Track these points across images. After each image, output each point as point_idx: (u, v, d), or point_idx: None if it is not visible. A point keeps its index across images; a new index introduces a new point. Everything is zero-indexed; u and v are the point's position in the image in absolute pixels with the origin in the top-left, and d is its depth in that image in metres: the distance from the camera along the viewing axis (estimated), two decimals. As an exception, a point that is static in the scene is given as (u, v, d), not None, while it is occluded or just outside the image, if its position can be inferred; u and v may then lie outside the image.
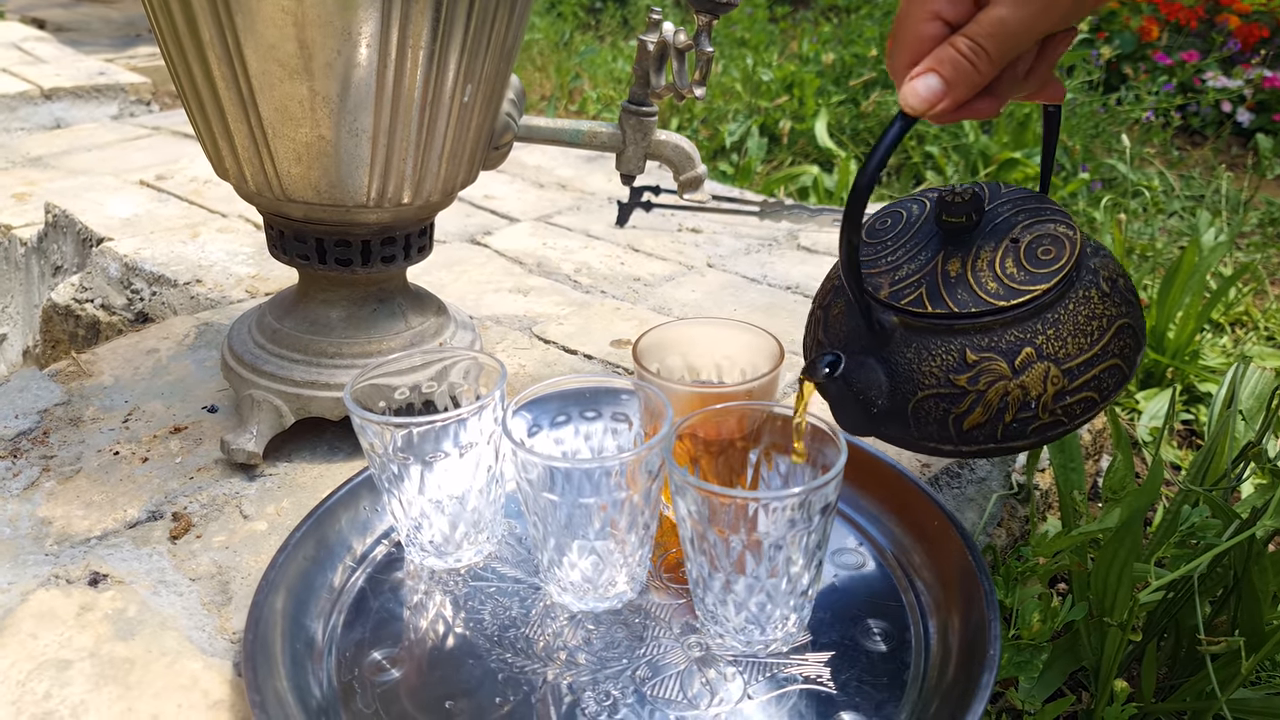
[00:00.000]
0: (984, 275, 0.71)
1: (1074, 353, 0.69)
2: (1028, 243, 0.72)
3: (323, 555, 0.82)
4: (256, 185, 0.89)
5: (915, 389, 0.71)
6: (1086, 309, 0.70)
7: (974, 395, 0.69)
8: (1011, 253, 0.71)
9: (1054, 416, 0.70)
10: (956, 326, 0.70)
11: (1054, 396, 0.69)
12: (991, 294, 0.70)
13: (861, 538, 0.87)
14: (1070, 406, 0.70)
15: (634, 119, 1.02)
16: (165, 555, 0.86)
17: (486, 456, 0.80)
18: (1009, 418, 0.70)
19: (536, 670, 0.74)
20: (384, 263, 0.96)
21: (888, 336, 0.72)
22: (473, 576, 0.83)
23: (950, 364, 0.70)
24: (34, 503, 0.91)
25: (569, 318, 1.32)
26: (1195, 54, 3.33)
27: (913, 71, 0.64)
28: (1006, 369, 0.69)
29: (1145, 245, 2.11)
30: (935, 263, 0.73)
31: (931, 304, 0.71)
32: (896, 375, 0.72)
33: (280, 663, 0.71)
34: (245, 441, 0.94)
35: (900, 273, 0.74)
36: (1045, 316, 0.69)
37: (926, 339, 0.71)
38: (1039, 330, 0.69)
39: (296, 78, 0.81)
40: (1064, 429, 0.71)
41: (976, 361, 0.69)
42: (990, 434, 0.71)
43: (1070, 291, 0.70)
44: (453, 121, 0.89)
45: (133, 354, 1.16)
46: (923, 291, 0.71)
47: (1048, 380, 0.69)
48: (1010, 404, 0.69)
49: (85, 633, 0.77)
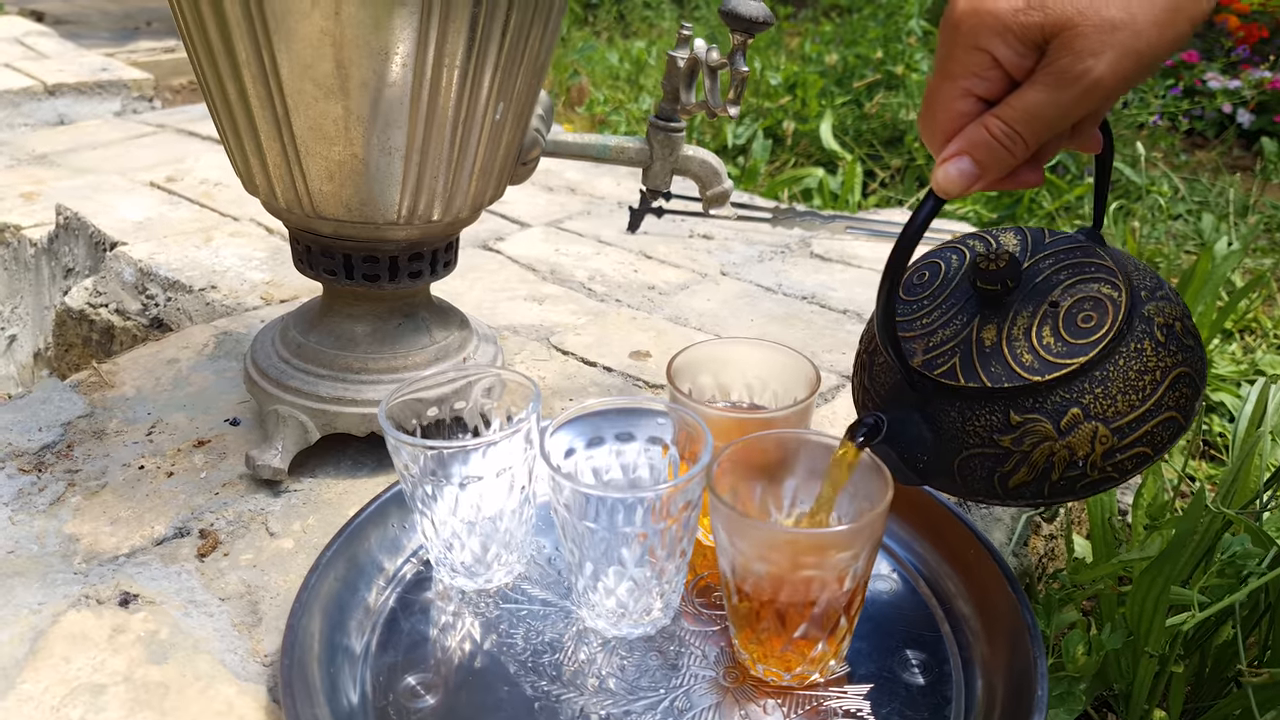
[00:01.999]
0: (1019, 346, 0.69)
1: (1124, 410, 0.67)
2: (1067, 308, 0.69)
3: (353, 575, 0.82)
4: (287, 202, 0.89)
5: (960, 448, 0.70)
6: (1139, 363, 0.67)
7: (1019, 456, 0.68)
8: (1050, 319, 0.69)
9: (1103, 474, 0.68)
10: (997, 392, 0.68)
11: (1103, 455, 0.67)
12: (1026, 367, 0.68)
13: (895, 564, 0.86)
14: (1121, 463, 0.68)
15: (661, 134, 1.02)
16: (194, 574, 0.85)
17: (520, 477, 0.80)
18: (1055, 476, 0.68)
19: (570, 698, 0.73)
20: (411, 278, 0.96)
21: (929, 397, 0.71)
22: (503, 598, 0.83)
23: (994, 425, 0.68)
24: (61, 519, 0.90)
25: (585, 328, 1.32)
26: (1195, 55, 3.33)
27: (945, 153, 0.63)
28: (1052, 430, 0.67)
29: (1155, 250, 2.11)
30: (970, 330, 0.71)
31: (965, 377, 0.69)
32: (941, 433, 0.70)
33: (318, 689, 0.71)
34: (271, 458, 0.93)
35: (935, 339, 0.72)
36: (1093, 375, 0.67)
37: (969, 401, 0.69)
38: (1086, 389, 0.67)
39: (332, 97, 0.81)
40: (1114, 483, 0.69)
41: (1021, 423, 0.67)
42: (1037, 491, 0.69)
43: (1121, 346, 0.67)
44: (484, 139, 0.88)
45: (153, 364, 1.16)
46: (956, 362, 0.70)
47: (1095, 440, 0.67)
48: (1056, 464, 0.67)
49: (118, 656, 0.76)
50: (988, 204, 2.32)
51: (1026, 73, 0.60)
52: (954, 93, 0.62)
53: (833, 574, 0.68)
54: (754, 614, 0.71)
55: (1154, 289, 0.71)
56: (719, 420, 0.80)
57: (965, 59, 0.61)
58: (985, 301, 0.71)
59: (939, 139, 0.63)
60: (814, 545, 0.68)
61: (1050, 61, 0.58)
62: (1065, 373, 0.66)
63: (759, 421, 0.79)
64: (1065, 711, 0.75)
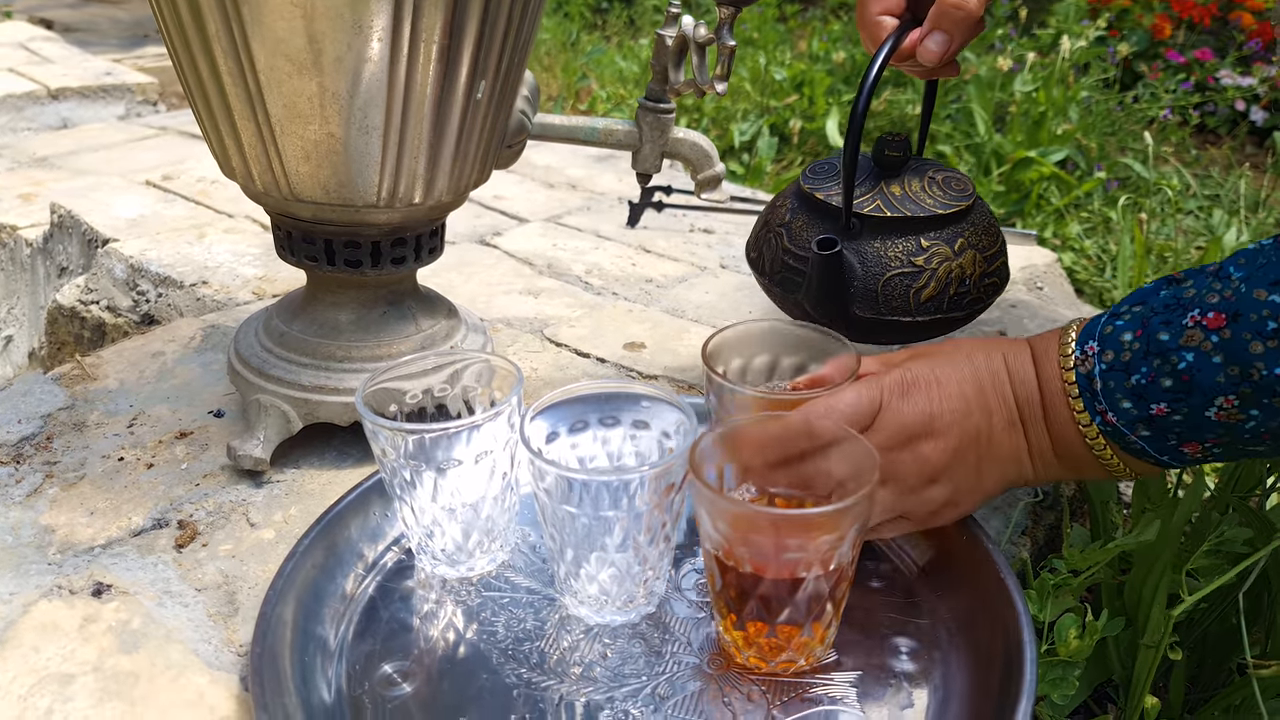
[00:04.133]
0: (919, 195, 0.93)
1: (988, 245, 0.94)
2: (942, 179, 0.95)
3: (332, 563, 0.80)
4: (264, 185, 0.87)
5: (884, 270, 0.91)
6: (987, 220, 0.96)
7: (929, 272, 0.91)
8: (934, 183, 0.94)
9: (978, 293, 0.93)
10: (912, 223, 0.91)
11: (979, 276, 0.93)
12: (930, 205, 0.92)
13: (885, 549, 0.84)
14: (987, 287, 0.94)
15: (651, 116, 1.00)
16: (170, 565, 0.84)
17: (502, 463, 0.78)
18: (952, 290, 0.92)
19: (552, 686, 0.71)
20: (394, 264, 0.94)
21: (859, 232, 0.92)
22: (485, 586, 0.81)
23: (911, 249, 0.91)
24: (37, 510, 0.89)
25: (581, 320, 1.30)
26: (1209, 52, 3.30)
27: (922, 31, 0.85)
28: (950, 252, 0.92)
29: (1164, 245, 2.08)
30: (880, 187, 0.94)
31: (889, 211, 0.92)
32: (867, 261, 0.91)
33: (289, 677, 0.69)
34: (252, 448, 0.92)
35: (855, 194, 0.93)
36: (968, 218, 0.94)
37: (889, 233, 0.91)
38: (966, 226, 0.93)
39: (305, 73, 0.79)
40: (982, 305, 0.95)
41: (929, 246, 0.91)
42: (939, 304, 0.92)
43: (977, 206, 0.96)
44: (466, 119, 0.86)
45: (138, 357, 1.14)
46: (879, 203, 0.92)
47: (975, 262, 0.93)
48: (953, 279, 0.91)
49: (88, 645, 0.75)
50: (995, 199, 2.29)
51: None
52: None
53: (817, 557, 0.66)
54: (737, 600, 0.69)
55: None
56: (752, 402, 0.79)
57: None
58: (885, 171, 0.95)
59: (874, 15, 0.88)
60: (798, 526, 0.66)
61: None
62: (956, 210, 0.92)
63: (792, 402, 0.77)
64: (1058, 697, 0.73)
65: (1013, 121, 2.48)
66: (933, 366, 0.76)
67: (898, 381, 0.75)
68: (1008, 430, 0.75)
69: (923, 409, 0.74)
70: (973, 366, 0.76)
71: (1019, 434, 0.76)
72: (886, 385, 0.75)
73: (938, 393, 0.75)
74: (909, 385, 0.75)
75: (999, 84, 2.60)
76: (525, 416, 0.74)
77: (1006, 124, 2.53)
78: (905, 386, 0.75)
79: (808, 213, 0.96)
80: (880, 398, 0.74)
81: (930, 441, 0.74)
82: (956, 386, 0.75)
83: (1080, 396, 0.71)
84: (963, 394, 0.75)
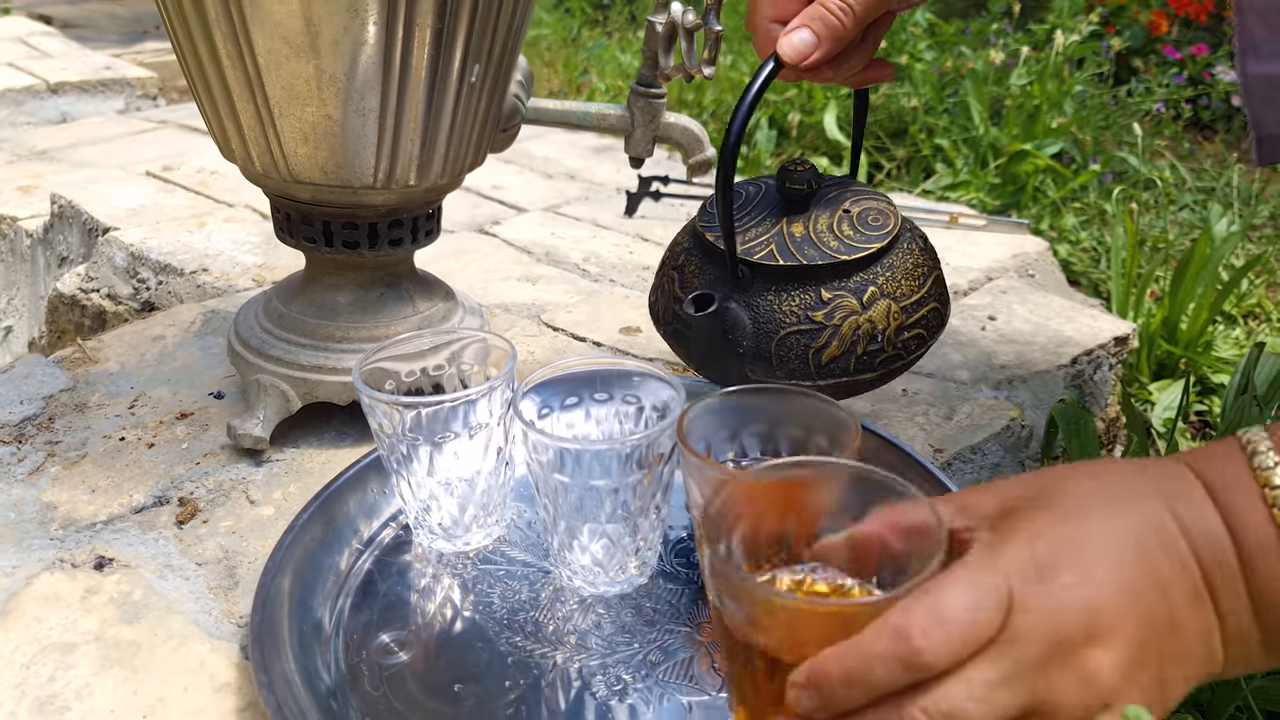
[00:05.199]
0: (825, 235, 0.81)
1: (908, 292, 0.82)
2: (858, 213, 0.83)
3: (330, 537, 0.81)
4: (263, 166, 0.88)
5: (778, 328, 0.80)
6: (912, 259, 0.83)
7: (830, 330, 0.79)
8: (846, 219, 0.83)
9: (895, 350, 0.81)
10: (810, 271, 0.80)
11: (895, 330, 0.81)
12: (833, 250, 0.80)
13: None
14: (908, 341, 0.82)
15: (642, 101, 1.01)
16: (172, 540, 0.85)
17: (496, 438, 0.79)
18: (860, 350, 0.80)
19: (546, 654, 0.73)
20: (391, 246, 0.95)
21: (750, 282, 0.81)
22: (481, 560, 0.82)
23: (808, 302, 0.79)
24: (39, 488, 0.90)
25: (578, 306, 1.31)
26: (1205, 48, 3.31)
27: (788, 27, 0.74)
28: (857, 305, 0.80)
29: (1158, 237, 2.10)
30: (780, 225, 0.83)
31: (782, 258, 0.80)
32: (759, 317, 0.80)
33: (287, 644, 0.70)
34: (252, 427, 0.93)
35: (750, 234, 0.83)
36: (884, 260, 0.81)
37: (785, 283, 0.80)
38: (879, 272, 0.81)
39: (303, 55, 0.80)
40: (902, 363, 0.83)
41: (831, 299, 0.80)
42: (844, 367, 0.80)
43: (900, 242, 0.83)
44: (460, 101, 0.88)
45: (139, 341, 1.15)
46: (773, 248, 0.81)
47: (890, 315, 0.80)
48: (861, 337, 0.80)
49: (90, 616, 0.76)
50: (991, 192, 2.31)
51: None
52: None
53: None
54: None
55: (912, 225, 0.88)
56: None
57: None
58: (790, 205, 0.84)
59: (768, 15, 0.77)
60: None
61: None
62: (865, 255, 0.80)
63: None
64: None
65: (1008, 115, 2.49)
66: (1069, 528, 0.52)
67: (1027, 561, 0.50)
68: (1193, 608, 0.51)
69: (1080, 599, 0.49)
70: (1126, 519, 0.52)
71: (1208, 611, 0.52)
72: (1013, 569, 0.50)
73: (1090, 569, 0.50)
74: (1045, 564, 0.50)
75: (994, 78, 2.61)
76: (519, 391, 0.76)
77: (1002, 118, 2.54)
78: (1042, 568, 0.50)
79: (701, 256, 0.86)
80: (1009, 589, 0.49)
81: (1097, 647, 0.49)
82: (1114, 556, 0.51)
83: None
84: (1124, 565, 0.51)
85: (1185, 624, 0.51)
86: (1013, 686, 0.48)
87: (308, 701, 0.66)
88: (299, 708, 0.65)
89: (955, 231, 1.63)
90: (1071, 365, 1.21)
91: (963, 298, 1.38)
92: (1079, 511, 0.52)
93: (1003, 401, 1.10)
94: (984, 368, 1.18)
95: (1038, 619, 0.48)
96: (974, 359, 1.20)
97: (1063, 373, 1.19)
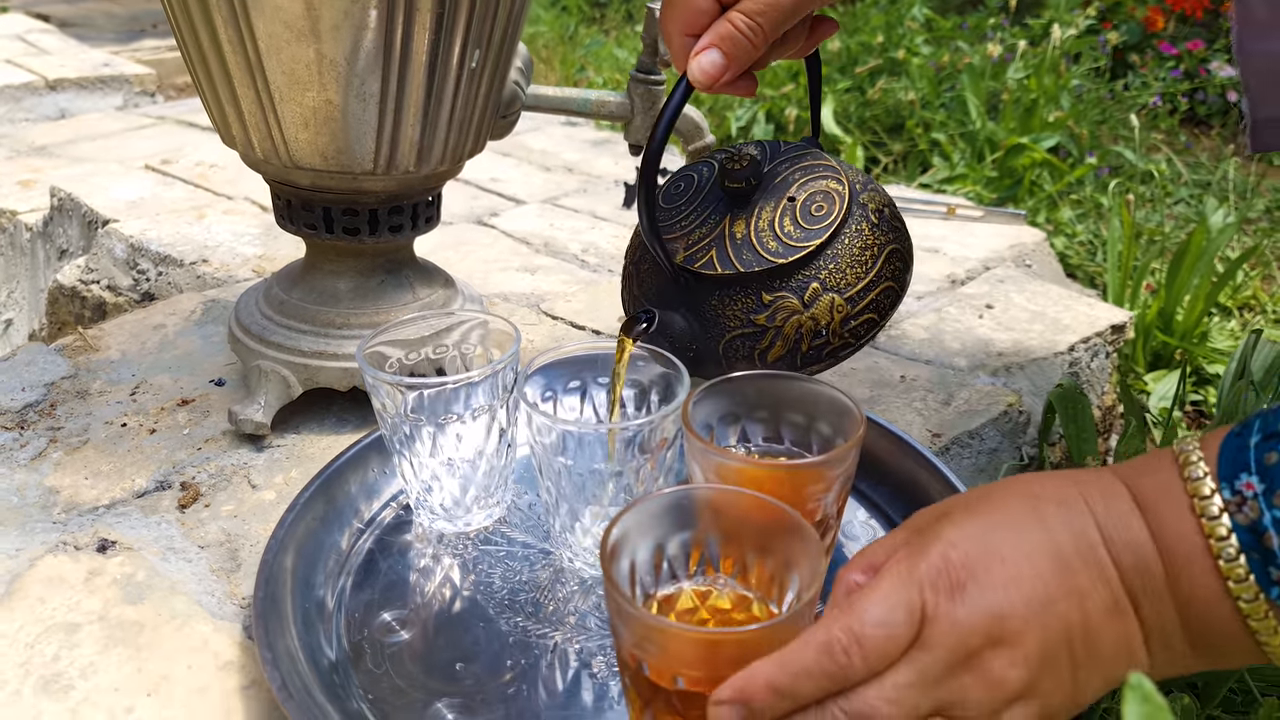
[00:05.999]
0: (765, 235, 0.80)
1: (853, 281, 0.79)
2: (803, 201, 0.81)
3: (331, 516, 0.82)
4: (264, 152, 0.89)
5: (723, 333, 0.80)
6: (859, 241, 0.80)
7: (773, 331, 0.79)
8: (789, 211, 0.80)
9: (843, 340, 0.80)
10: (751, 276, 0.79)
11: (841, 322, 0.79)
12: (772, 252, 0.79)
13: (873, 511, 0.86)
14: (856, 329, 0.80)
15: (642, 88, 1.02)
16: (174, 524, 0.85)
17: (499, 420, 0.80)
18: (805, 346, 0.80)
19: (546, 634, 0.73)
20: (392, 232, 0.96)
21: (692, 290, 0.81)
22: (482, 540, 0.83)
23: (750, 306, 0.79)
24: (41, 472, 0.90)
25: (577, 295, 1.32)
26: (1201, 44, 3.32)
27: (697, 47, 0.70)
28: (798, 304, 0.79)
29: (1153, 230, 2.10)
30: (723, 226, 0.82)
31: (721, 266, 0.79)
32: (705, 321, 0.81)
33: (291, 621, 0.71)
34: (253, 412, 0.93)
35: (693, 237, 0.82)
36: (826, 253, 0.79)
37: (726, 288, 0.80)
38: (822, 266, 0.79)
39: (304, 40, 0.81)
40: (852, 349, 0.82)
41: (772, 301, 0.79)
42: (791, 363, 0.80)
43: (845, 229, 0.80)
44: (461, 87, 0.88)
45: (139, 329, 1.16)
46: (713, 254, 0.80)
47: (833, 309, 0.79)
48: (805, 334, 0.79)
49: (94, 597, 0.76)
50: (987, 185, 2.31)
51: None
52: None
53: (804, 507, 0.67)
54: None
55: (865, 183, 0.84)
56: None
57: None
58: (733, 200, 0.82)
59: (679, 29, 0.72)
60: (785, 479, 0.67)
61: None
62: (804, 254, 0.78)
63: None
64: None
65: (1005, 109, 2.50)
66: (985, 537, 0.54)
67: (939, 571, 0.53)
68: (1111, 616, 0.53)
69: (985, 607, 0.52)
70: (1045, 529, 0.54)
71: (1128, 618, 0.54)
72: (926, 580, 0.53)
73: (1000, 577, 0.53)
74: (958, 576, 0.53)
75: (991, 73, 2.62)
76: (523, 373, 0.76)
77: (999, 112, 2.55)
78: (954, 579, 0.53)
79: (652, 259, 0.85)
80: (921, 602, 0.53)
81: (1002, 653, 0.52)
82: (1027, 564, 0.53)
83: (1240, 557, 0.50)
84: (1037, 574, 0.53)
85: (1101, 630, 0.53)
86: (923, 689, 0.52)
87: (311, 678, 0.66)
88: (302, 684, 0.65)
89: (952, 222, 1.64)
90: (1069, 353, 1.22)
91: (960, 287, 1.39)
92: (1000, 521, 0.55)
93: (1000, 388, 1.10)
94: (981, 355, 1.18)
95: (946, 627, 0.52)
96: (971, 346, 1.20)
97: (1060, 360, 1.20)
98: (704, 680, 0.53)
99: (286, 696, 0.63)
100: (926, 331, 1.24)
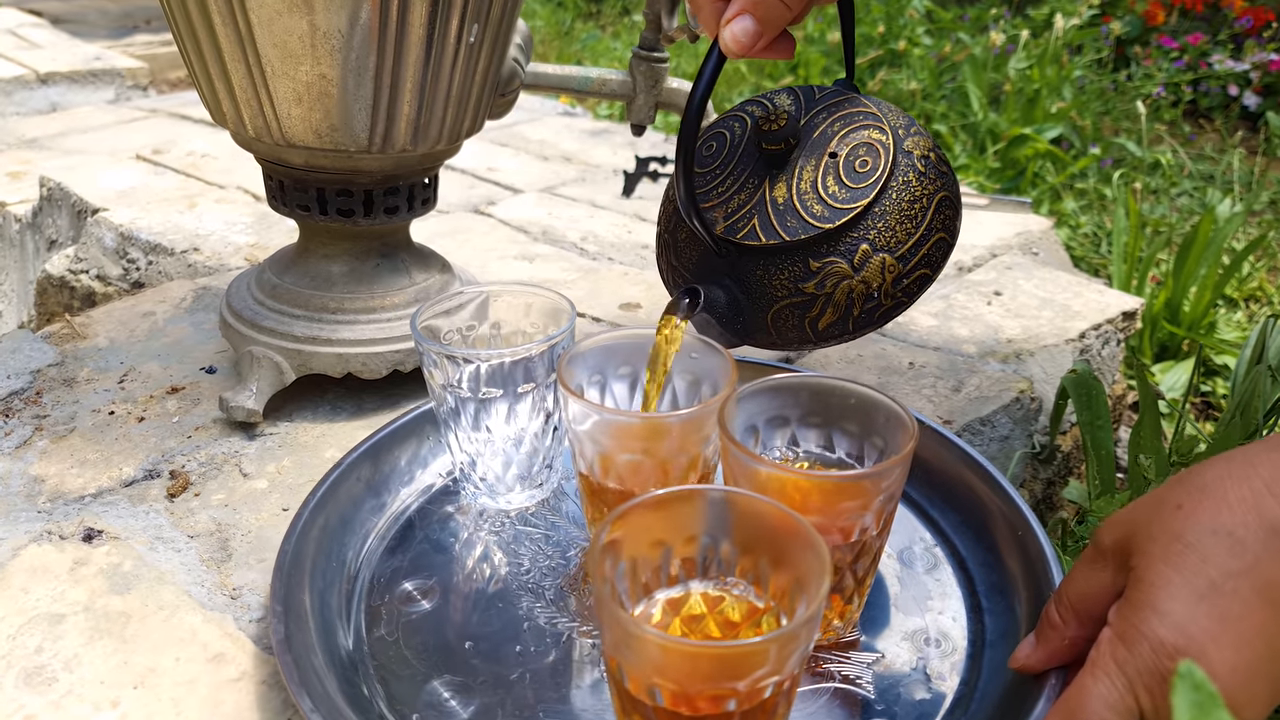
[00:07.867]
0: (809, 198, 0.74)
1: (904, 238, 0.73)
2: (845, 156, 0.74)
3: (377, 479, 0.82)
4: (255, 130, 0.86)
5: (771, 303, 0.75)
6: (908, 194, 0.74)
7: (823, 299, 0.74)
8: (831, 169, 0.74)
9: (895, 300, 0.75)
10: (796, 245, 0.73)
11: (893, 282, 0.74)
12: (818, 217, 0.73)
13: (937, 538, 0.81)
14: (908, 287, 0.75)
15: (645, 65, 0.99)
16: (163, 513, 0.82)
17: (545, 399, 0.78)
18: (857, 311, 0.74)
19: (562, 623, 0.71)
20: (387, 214, 0.93)
21: (735, 261, 0.76)
22: (522, 520, 0.81)
23: (797, 274, 0.74)
24: (26, 461, 0.88)
25: (576, 283, 1.29)
26: (1201, 37, 3.30)
27: (727, 14, 0.65)
28: (848, 269, 0.73)
29: (1158, 221, 2.08)
30: (763, 190, 0.76)
31: (765, 236, 0.74)
32: (750, 292, 0.75)
33: (308, 576, 0.70)
34: (245, 399, 0.91)
35: (732, 204, 0.77)
36: (874, 212, 0.73)
37: (771, 257, 0.74)
38: (870, 226, 0.73)
39: (297, 11, 0.78)
40: (904, 307, 0.76)
41: (820, 268, 0.73)
42: (844, 329, 0.75)
43: (892, 182, 0.74)
44: (459, 62, 0.85)
45: (128, 317, 1.13)
46: (755, 223, 0.75)
47: (885, 270, 0.73)
48: (856, 299, 0.74)
49: (79, 587, 0.73)
50: (990, 176, 2.29)
51: None
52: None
53: (837, 524, 0.63)
54: None
55: (908, 126, 0.77)
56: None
57: None
58: (771, 161, 0.76)
59: (707, 1, 0.67)
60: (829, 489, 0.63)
61: None
62: (852, 216, 0.72)
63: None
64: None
65: (1007, 100, 2.47)
66: (1197, 608, 0.48)
67: (1151, 666, 0.49)
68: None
69: None
70: (1259, 570, 0.48)
71: None
72: (1135, 677, 0.49)
73: (1228, 663, 0.47)
74: (1168, 663, 0.48)
75: (993, 64, 2.59)
76: (568, 353, 0.73)
77: (1001, 103, 2.52)
78: (1163, 670, 0.48)
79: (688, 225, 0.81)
80: (1136, 706, 0.49)
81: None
82: (1231, 634, 0.47)
83: None
84: (1248, 644, 0.47)
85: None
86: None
87: (316, 641, 0.66)
88: (307, 641, 0.65)
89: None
90: (1079, 340, 1.19)
91: (968, 274, 1.36)
92: (1204, 580, 0.49)
93: (1011, 374, 1.07)
94: (991, 341, 1.15)
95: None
96: (980, 333, 1.17)
97: (1070, 347, 1.17)
98: (682, 699, 0.50)
99: (285, 650, 0.62)
100: (934, 318, 1.21)
